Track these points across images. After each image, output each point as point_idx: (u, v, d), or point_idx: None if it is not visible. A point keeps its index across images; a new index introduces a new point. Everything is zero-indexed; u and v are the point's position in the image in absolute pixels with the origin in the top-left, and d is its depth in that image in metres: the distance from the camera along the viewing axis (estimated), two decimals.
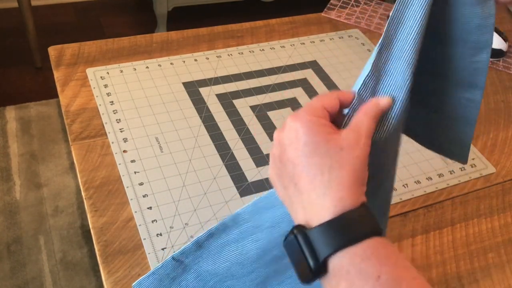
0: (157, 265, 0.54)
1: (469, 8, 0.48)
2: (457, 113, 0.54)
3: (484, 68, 0.52)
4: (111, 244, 0.65)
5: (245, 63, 0.97)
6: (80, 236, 1.47)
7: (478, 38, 0.49)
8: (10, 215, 1.49)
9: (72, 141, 0.77)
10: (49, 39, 2.12)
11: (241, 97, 0.89)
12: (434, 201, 0.76)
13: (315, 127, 0.41)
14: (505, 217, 0.76)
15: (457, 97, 0.53)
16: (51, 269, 1.38)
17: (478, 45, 0.50)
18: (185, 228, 0.67)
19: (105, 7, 2.43)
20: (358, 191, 0.39)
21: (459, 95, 0.53)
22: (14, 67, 2.03)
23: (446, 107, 0.54)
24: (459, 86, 0.52)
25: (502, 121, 0.93)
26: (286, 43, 1.04)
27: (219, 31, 1.04)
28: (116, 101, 0.84)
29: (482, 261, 0.70)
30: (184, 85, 0.90)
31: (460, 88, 0.52)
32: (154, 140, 0.79)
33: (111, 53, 0.94)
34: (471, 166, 0.82)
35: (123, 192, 0.71)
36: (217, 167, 0.76)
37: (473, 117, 0.54)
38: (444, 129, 0.55)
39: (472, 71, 0.52)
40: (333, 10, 1.15)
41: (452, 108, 0.54)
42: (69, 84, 0.87)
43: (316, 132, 0.40)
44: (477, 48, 0.50)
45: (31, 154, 1.67)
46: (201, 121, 0.83)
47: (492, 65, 1.06)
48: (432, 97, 0.54)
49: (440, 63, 0.52)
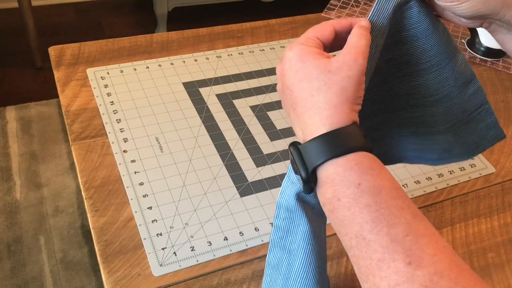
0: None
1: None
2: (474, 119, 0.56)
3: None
4: (111, 244, 0.65)
5: (245, 63, 0.97)
6: (80, 236, 1.47)
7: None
8: (10, 215, 1.49)
9: (72, 141, 0.77)
10: (49, 39, 2.13)
11: (241, 97, 0.90)
12: (434, 201, 0.77)
13: (305, 54, 0.43)
14: (504, 217, 0.76)
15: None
16: (52, 269, 1.39)
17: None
18: (185, 228, 0.67)
19: (105, 7, 2.43)
20: (347, 109, 0.42)
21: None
22: (14, 67, 2.03)
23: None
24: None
25: (502, 121, 0.93)
26: (286, 43, 1.04)
27: (219, 31, 1.04)
28: (116, 101, 0.85)
29: (482, 261, 0.70)
30: (184, 85, 0.90)
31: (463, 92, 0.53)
32: (154, 140, 0.79)
33: (111, 53, 0.95)
34: (471, 166, 0.83)
35: (123, 192, 0.71)
36: (217, 167, 0.76)
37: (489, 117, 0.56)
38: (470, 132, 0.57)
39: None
40: (333, 10, 1.15)
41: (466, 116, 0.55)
42: (69, 84, 0.87)
43: (306, 58, 0.43)
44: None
45: (31, 154, 1.68)
46: (201, 121, 0.83)
47: (492, 65, 1.06)
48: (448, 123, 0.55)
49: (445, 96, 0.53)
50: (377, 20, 0.46)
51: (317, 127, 0.42)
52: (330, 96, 0.42)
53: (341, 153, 0.40)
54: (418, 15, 0.47)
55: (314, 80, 0.42)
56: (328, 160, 0.40)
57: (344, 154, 0.40)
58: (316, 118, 0.42)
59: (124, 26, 2.33)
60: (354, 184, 0.39)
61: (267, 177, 0.76)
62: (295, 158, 0.43)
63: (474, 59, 1.08)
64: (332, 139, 0.41)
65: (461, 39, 1.13)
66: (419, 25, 0.48)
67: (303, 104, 0.43)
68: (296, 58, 0.44)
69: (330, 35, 0.46)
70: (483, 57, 1.08)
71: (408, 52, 0.49)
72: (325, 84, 0.42)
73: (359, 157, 0.40)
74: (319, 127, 0.41)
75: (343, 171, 0.40)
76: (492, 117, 0.55)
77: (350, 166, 0.40)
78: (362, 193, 0.39)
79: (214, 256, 0.65)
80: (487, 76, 1.04)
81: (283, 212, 0.49)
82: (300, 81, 0.43)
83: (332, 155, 0.40)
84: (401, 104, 0.53)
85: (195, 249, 0.65)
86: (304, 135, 0.43)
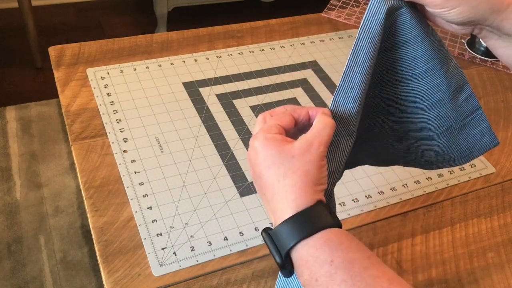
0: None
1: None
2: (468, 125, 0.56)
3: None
4: (111, 244, 0.65)
5: (245, 63, 0.97)
6: (80, 236, 1.47)
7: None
8: (10, 215, 1.49)
9: (72, 141, 0.77)
10: (49, 39, 2.13)
11: (241, 97, 0.90)
12: (434, 201, 0.77)
13: (269, 142, 0.45)
14: (504, 217, 0.76)
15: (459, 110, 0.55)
16: (52, 269, 1.39)
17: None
18: (185, 228, 0.67)
19: (105, 7, 2.43)
20: (311, 191, 0.44)
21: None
22: (14, 67, 2.03)
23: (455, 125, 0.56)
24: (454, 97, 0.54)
25: (502, 121, 0.93)
26: (286, 43, 1.04)
27: (219, 31, 1.04)
28: (117, 101, 0.85)
29: (482, 261, 0.70)
30: (184, 85, 0.90)
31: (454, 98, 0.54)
32: (154, 140, 0.79)
33: (111, 53, 0.95)
34: (471, 166, 0.83)
35: (123, 192, 0.71)
36: (217, 167, 0.76)
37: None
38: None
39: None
40: (333, 10, 1.15)
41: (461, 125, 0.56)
42: (69, 84, 0.87)
43: (271, 146, 0.45)
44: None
45: (31, 154, 1.68)
46: (201, 121, 0.83)
47: (492, 65, 1.06)
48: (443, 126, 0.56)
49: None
50: (369, 28, 0.47)
51: (285, 210, 0.43)
52: (295, 180, 0.43)
53: (309, 233, 0.42)
54: (409, 21, 0.48)
55: (280, 166, 0.44)
56: (299, 242, 0.42)
57: (313, 234, 0.42)
58: (283, 203, 0.43)
59: (124, 26, 2.33)
60: (327, 262, 0.40)
61: None
62: (267, 243, 0.44)
63: (474, 59, 1.08)
64: (299, 220, 0.42)
65: (461, 39, 1.13)
66: (411, 31, 0.49)
67: (271, 190, 0.45)
68: (262, 146, 0.45)
69: (290, 122, 0.48)
70: (483, 57, 1.08)
71: (400, 57, 0.50)
72: (289, 169, 0.44)
73: (327, 234, 0.42)
74: (287, 211, 0.43)
75: (314, 251, 0.41)
76: (485, 123, 0.56)
77: (320, 245, 0.41)
78: (336, 270, 0.40)
79: (214, 256, 0.65)
80: (487, 76, 1.04)
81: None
82: (268, 168, 0.45)
83: (301, 236, 0.42)
84: (394, 109, 0.54)
85: (195, 249, 0.65)
86: (275, 220, 0.44)
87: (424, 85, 0.51)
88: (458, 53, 1.09)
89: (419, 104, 0.53)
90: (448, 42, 1.12)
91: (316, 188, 0.44)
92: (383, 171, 0.79)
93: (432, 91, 0.52)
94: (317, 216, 0.43)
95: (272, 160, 0.45)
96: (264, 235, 0.45)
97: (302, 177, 0.44)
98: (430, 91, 0.52)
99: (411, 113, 0.54)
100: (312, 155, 0.44)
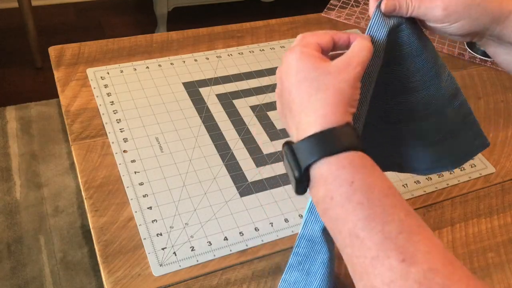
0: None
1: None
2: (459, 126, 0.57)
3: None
4: (111, 244, 0.65)
5: (245, 63, 0.97)
6: (80, 236, 1.47)
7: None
8: (10, 215, 1.49)
9: (72, 141, 0.77)
10: (49, 39, 2.13)
11: (241, 97, 0.90)
12: (434, 201, 0.77)
13: (306, 57, 0.44)
14: (504, 217, 0.76)
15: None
16: (52, 269, 1.39)
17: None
18: (185, 228, 0.68)
19: (105, 7, 2.43)
20: (342, 110, 0.42)
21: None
22: (14, 67, 2.03)
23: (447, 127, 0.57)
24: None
25: (502, 121, 0.93)
26: (286, 43, 1.04)
27: (219, 31, 1.04)
28: (116, 101, 0.85)
29: (482, 261, 0.70)
30: (184, 85, 0.90)
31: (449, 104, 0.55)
32: (154, 140, 0.79)
33: (111, 53, 0.95)
34: (471, 166, 0.83)
35: (123, 192, 0.71)
36: (217, 167, 0.76)
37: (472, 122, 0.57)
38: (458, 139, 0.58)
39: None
40: (333, 10, 1.15)
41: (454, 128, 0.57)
42: (69, 84, 0.87)
43: (307, 61, 0.44)
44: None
45: (31, 154, 1.68)
46: (201, 121, 0.83)
47: (492, 65, 1.06)
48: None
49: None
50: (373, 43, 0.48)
51: (311, 125, 0.42)
52: (327, 96, 0.42)
53: (334, 151, 0.41)
54: (408, 37, 0.49)
55: (314, 81, 0.43)
56: (320, 159, 0.41)
57: (337, 153, 0.41)
58: (311, 117, 0.42)
59: (124, 26, 2.33)
60: (347, 182, 0.39)
61: (267, 177, 0.76)
62: (288, 156, 0.43)
63: (474, 59, 1.08)
64: (325, 137, 0.41)
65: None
66: (409, 46, 0.49)
67: (300, 104, 0.44)
68: (297, 60, 0.44)
69: (329, 42, 0.47)
70: (483, 57, 1.08)
71: (399, 71, 0.51)
72: (323, 85, 0.43)
73: (351, 156, 0.41)
74: (314, 126, 0.42)
75: (335, 169, 0.40)
76: (477, 127, 0.57)
77: (342, 165, 0.40)
78: (355, 191, 0.39)
79: (214, 256, 0.65)
80: (487, 76, 1.04)
81: (305, 242, 0.51)
82: (300, 82, 0.44)
83: (325, 153, 0.41)
84: (392, 119, 0.55)
85: (195, 249, 0.65)
86: (298, 134, 0.43)
87: (422, 97, 0.52)
88: (458, 53, 1.09)
89: (417, 114, 0.53)
90: (448, 42, 1.12)
91: (347, 109, 0.43)
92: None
93: (429, 101, 0.53)
94: (344, 136, 0.41)
95: (305, 75, 0.44)
96: (285, 148, 0.44)
97: (336, 95, 0.42)
98: (427, 101, 0.52)
99: (410, 122, 0.54)
100: (349, 74, 0.43)
